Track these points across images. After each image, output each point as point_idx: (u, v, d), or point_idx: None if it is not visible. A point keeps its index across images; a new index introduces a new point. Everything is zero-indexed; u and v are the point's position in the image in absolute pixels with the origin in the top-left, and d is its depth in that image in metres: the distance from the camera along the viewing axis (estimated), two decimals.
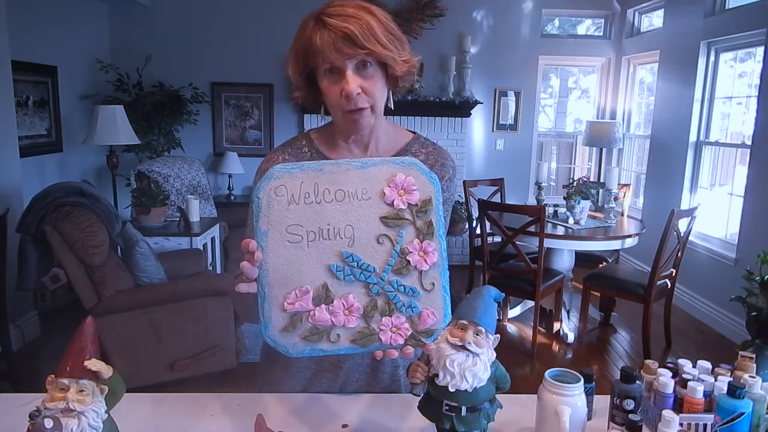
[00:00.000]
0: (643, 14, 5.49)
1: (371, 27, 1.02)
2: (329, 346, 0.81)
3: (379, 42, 1.02)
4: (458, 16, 5.47)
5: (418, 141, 1.21)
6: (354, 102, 1.05)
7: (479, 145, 5.81)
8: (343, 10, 1.02)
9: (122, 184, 4.66)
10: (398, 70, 1.08)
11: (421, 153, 1.19)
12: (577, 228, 3.69)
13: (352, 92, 1.03)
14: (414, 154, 1.18)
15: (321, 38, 1.01)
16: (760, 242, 3.43)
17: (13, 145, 3.48)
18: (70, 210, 2.70)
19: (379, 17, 1.05)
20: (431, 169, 1.09)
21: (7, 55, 3.37)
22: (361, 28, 1.00)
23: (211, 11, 5.36)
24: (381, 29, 1.03)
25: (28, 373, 2.97)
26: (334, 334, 0.81)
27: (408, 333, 0.82)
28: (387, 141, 1.19)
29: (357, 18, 1.01)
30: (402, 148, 1.19)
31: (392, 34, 1.06)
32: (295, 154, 1.19)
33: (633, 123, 5.66)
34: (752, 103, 3.77)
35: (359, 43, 1.00)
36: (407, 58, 1.09)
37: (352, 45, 1.01)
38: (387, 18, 1.07)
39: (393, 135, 1.20)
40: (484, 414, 0.92)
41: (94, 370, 0.83)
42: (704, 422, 1.00)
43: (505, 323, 4.00)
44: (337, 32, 1.00)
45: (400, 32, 1.09)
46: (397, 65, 1.07)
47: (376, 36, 1.02)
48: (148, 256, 2.99)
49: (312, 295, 0.80)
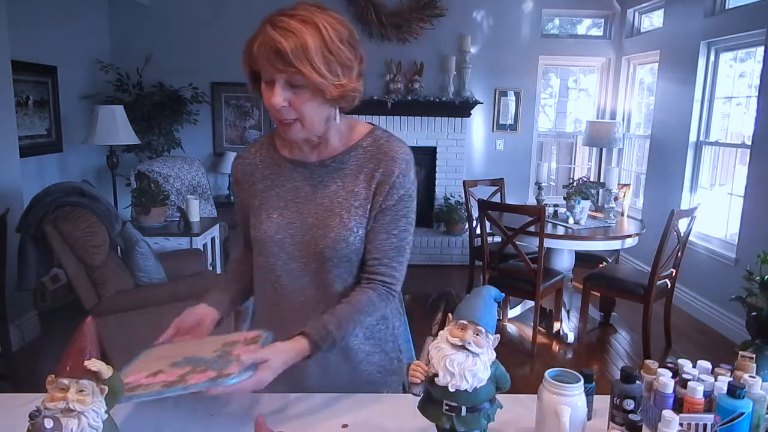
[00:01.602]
0: (643, 14, 5.48)
1: (306, 46, 0.99)
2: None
3: (311, 63, 1.00)
4: (458, 16, 5.47)
5: (373, 135, 1.20)
6: (278, 114, 1.06)
7: (479, 145, 5.81)
8: (289, 22, 1.00)
9: (122, 184, 4.65)
10: (328, 93, 1.05)
11: (373, 147, 1.18)
12: (577, 228, 3.69)
13: (275, 105, 1.04)
14: (366, 148, 1.18)
15: (258, 47, 1.01)
16: (760, 242, 3.42)
17: (13, 145, 3.48)
18: (70, 210, 2.70)
19: (324, 35, 1.01)
20: (378, 166, 1.16)
21: (7, 55, 3.37)
22: (295, 46, 0.99)
23: (211, 11, 5.36)
24: (319, 49, 1.01)
25: (28, 373, 2.97)
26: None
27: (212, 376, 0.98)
28: (339, 140, 1.18)
29: (296, 34, 0.99)
30: (354, 144, 1.19)
31: (333, 55, 1.03)
32: (254, 152, 1.26)
33: (633, 123, 5.66)
34: (752, 103, 3.77)
35: (288, 60, 0.99)
36: (342, 83, 1.05)
37: (282, 61, 1.00)
38: (338, 37, 1.03)
39: (347, 134, 1.19)
40: (484, 414, 0.92)
41: (94, 370, 0.83)
42: (704, 422, 1.00)
43: (505, 323, 4.00)
44: (272, 45, 0.99)
45: (348, 54, 1.05)
46: (327, 89, 1.04)
47: (309, 56, 1.00)
48: (148, 256, 2.99)
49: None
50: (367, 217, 1.17)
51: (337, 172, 1.18)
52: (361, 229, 1.16)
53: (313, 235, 1.16)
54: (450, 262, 5.49)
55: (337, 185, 1.17)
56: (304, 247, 1.17)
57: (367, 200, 1.16)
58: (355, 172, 1.17)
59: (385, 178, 1.15)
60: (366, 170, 1.17)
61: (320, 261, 1.17)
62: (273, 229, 1.18)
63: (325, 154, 1.19)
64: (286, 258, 1.19)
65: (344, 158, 1.18)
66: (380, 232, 1.17)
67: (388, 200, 1.16)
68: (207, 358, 1.05)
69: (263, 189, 1.22)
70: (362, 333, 1.23)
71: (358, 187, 1.16)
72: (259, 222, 1.20)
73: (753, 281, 2.90)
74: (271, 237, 1.18)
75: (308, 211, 1.18)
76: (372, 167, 1.16)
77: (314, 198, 1.18)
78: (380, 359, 1.27)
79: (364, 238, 1.17)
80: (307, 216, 1.18)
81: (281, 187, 1.21)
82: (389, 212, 1.17)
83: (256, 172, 1.24)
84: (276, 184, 1.21)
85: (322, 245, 1.15)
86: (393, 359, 1.30)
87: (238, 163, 1.28)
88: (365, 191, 1.16)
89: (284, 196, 1.20)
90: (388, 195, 1.16)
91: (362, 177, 1.17)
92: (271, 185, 1.22)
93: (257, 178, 1.24)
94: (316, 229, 1.16)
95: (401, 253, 1.18)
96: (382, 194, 1.16)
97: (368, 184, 1.16)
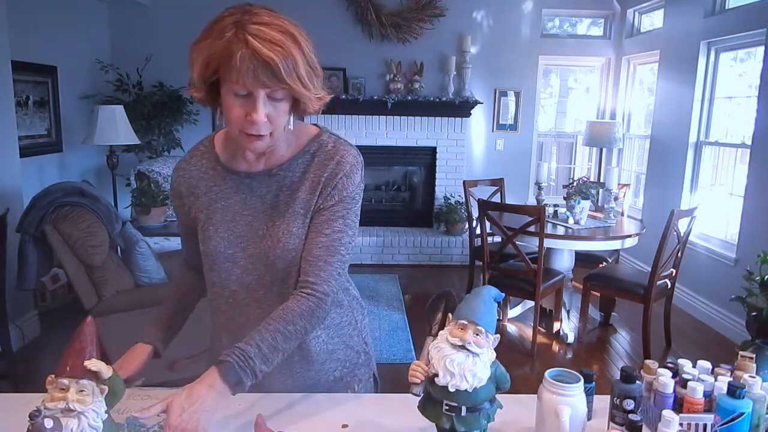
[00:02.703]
0: (643, 14, 5.48)
1: (295, 61, 0.96)
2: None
3: (300, 79, 0.98)
4: (458, 16, 5.47)
5: (319, 140, 1.16)
6: (257, 129, 1.01)
7: (479, 145, 5.81)
8: (268, 31, 0.95)
9: (122, 184, 4.65)
10: (310, 107, 1.04)
11: (319, 152, 1.14)
12: (577, 228, 3.69)
13: (259, 122, 0.99)
14: (312, 153, 1.14)
15: (242, 59, 0.93)
16: (760, 242, 3.42)
17: (13, 145, 3.48)
18: (70, 210, 2.70)
19: (303, 47, 0.99)
20: (323, 170, 1.12)
21: (7, 55, 3.37)
22: (285, 61, 0.95)
23: (211, 11, 5.31)
24: (303, 63, 0.98)
25: (28, 373, 2.97)
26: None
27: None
28: (286, 147, 1.14)
29: (282, 47, 0.95)
30: (301, 150, 1.15)
31: (311, 68, 1.01)
32: (194, 163, 1.19)
33: (633, 123, 5.65)
34: (752, 103, 3.77)
35: (280, 77, 0.95)
36: (321, 95, 1.04)
37: (272, 77, 0.95)
38: (309, 46, 1.01)
39: (294, 140, 1.15)
40: (484, 414, 0.92)
41: (94, 370, 0.83)
42: (704, 422, 1.00)
43: (505, 323, 4.00)
44: (260, 59, 0.93)
45: (317, 63, 1.03)
46: (311, 103, 1.03)
47: (299, 72, 0.97)
48: (148, 256, 2.99)
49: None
50: (309, 221, 1.14)
51: (284, 180, 1.14)
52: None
53: (264, 246, 1.13)
54: (450, 262, 5.49)
55: (284, 194, 1.14)
56: (256, 260, 1.14)
57: (310, 204, 1.13)
58: (301, 179, 1.14)
59: (328, 181, 1.12)
60: (312, 176, 1.13)
61: (274, 272, 1.14)
62: (223, 244, 1.14)
63: (272, 162, 1.14)
64: (239, 272, 1.15)
65: (291, 165, 1.14)
66: (312, 231, 1.12)
67: (327, 201, 1.12)
68: (148, 425, 1.05)
69: (208, 202, 1.17)
70: (324, 333, 1.21)
71: (303, 193, 1.13)
72: (207, 237, 1.16)
73: (753, 281, 2.91)
74: (221, 252, 1.14)
75: (258, 223, 1.14)
76: (318, 173, 1.13)
77: (262, 209, 1.14)
78: (346, 355, 1.26)
79: None
80: (257, 228, 1.14)
81: (228, 200, 1.16)
82: (325, 212, 1.12)
83: (200, 185, 1.18)
84: (221, 197, 1.16)
85: (273, 256, 1.12)
86: (360, 353, 1.29)
87: (178, 175, 1.20)
88: (309, 196, 1.13)
89: (231, 208, 1.15)
90: (329, 196, 1.12)
91: (307, 183, 1.13)
92: (216, 198, 1.16)
93: (201, 191, 1.17)
94: (266, 240, 1.13)
95: (331, 253, 1.10)
96: (322, 196, 1.12)
97: (313, 190, 1.13)
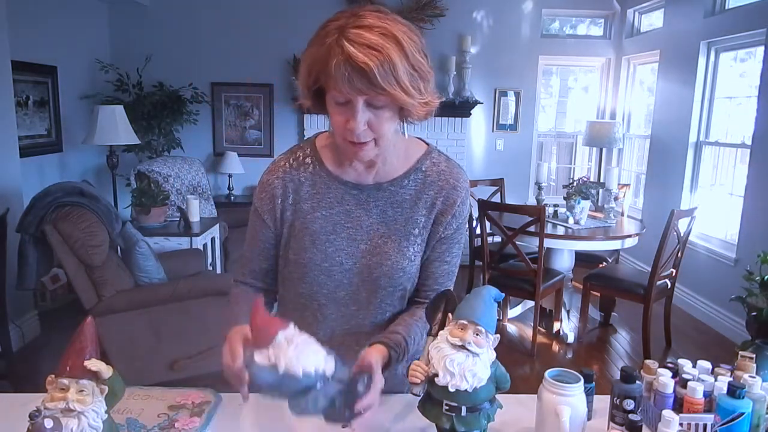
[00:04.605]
0: (643, 14, 5.48)
1: (393, 65, 0.90)
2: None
3: (399, 83, 0.91)
4: (458, 16, 5.47)
5: (430, 158, 1.13)
6: (357, 137, 0.97)
7: (479, 145, 5.80)
8: (368, 37, 0.90)
9: (122, 184, 4.65)
10: (414, 114, 0.98)
11: (432, 172, 1.11)
12: (577, 228, 3.69)
13: (357, 129, 0.96)
14: (425, 172, 1.11)
15: (336, 66, 0.90)
16: (760, 242, 3.42)
17: (13, 145, 3.48)
18: (70, 210, 2.70)
19: (406, 49, 0.92)
20: (439, 193, 1.09)
21: (7, 55, 3.37)
22: (382, 65, 0.89)
23: (211, 11, 5.35)
24: (405, 67, 0.92)
25: (28, 373, 2.97)
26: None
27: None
28: (397, 159, 1.11)
29: (379, 51, 0.89)
30: (412, 167, 1.11)
31: (416, 71, 0.94)
32: (297, 166, 1.13)
33: (633, 123, 5.65)
34: (752, 103, 3.76)
35: (376, 82, 0.90)
36: (428, 100, 0.98)
37: (368, 83, 0.90)
38: (416, 47, 0.94)
39: (403, 152, 1.12)
40: (484, 414, 0.92)
41: (94, 370, 0.83)
42: (704, 422, 1.00)
43: (505, 323, 4.00)
44: (354, 65, 0.89)
45: (427, 66, 0.96)
46: (415, 109, 0.97)
47: (397, 76, 0.91)
48: (148, 256, 2.99)
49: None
50: (425, 245, 1.12)
51: (395, 196, 1.10)
52: (418, 258, 1.12)
53: (367, 263, 1.09)
54: None
55: (395, 211, 1.10)
56: (354, 276, 1.10)
57: (426, 229, 1.11)
58: (414, 198, 1.10)
59: (446, 208, 1.10)
60: (426, 197, 1.10)
61: (372, 290, 1.11)
62: (320, 256, 1.09)
63: (382, 175, 1.10)
64: (332, 286, 1.11)
65: (402, 182, 1.10)
66: (435, 260, 1.13)
67: (447, 229, 1.12)
68: (148, 426, 1.05)
69: (308, 210, 1.11)
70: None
71: (417, 214, 1.10)
72: (302, 248, 1.10)
73: (753, 281, 2.91)
74: (318, 265, 1.09)
75: (360, 237, 1.10)
76: (433, 194, 1.10)
77: (368, 223, 1.10)
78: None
79: (419, 266, 1.13)
80: (360, 242, 1.10)
81: (330, 209, 1.10)
82: (447, 241, 1.13)
83: (301, 190, 1.11)
84: (324, 206, 1.10)
85: (378, 273, 1.09)
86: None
87: (276, 176, 1.12)
88: (425, 219, 1.10)
89: (333, 219, 1.10)
90: (448, 224, 1.11)
91: (422, 204, 1.10)
92: (317, 206, 1.11)
93: (302, 197, 1.11)
94: (370, 256, 1.09)
95: (451, 278, 1.17)
96: (442, 224, 1.11)
97: (428, 212, 1.10)
